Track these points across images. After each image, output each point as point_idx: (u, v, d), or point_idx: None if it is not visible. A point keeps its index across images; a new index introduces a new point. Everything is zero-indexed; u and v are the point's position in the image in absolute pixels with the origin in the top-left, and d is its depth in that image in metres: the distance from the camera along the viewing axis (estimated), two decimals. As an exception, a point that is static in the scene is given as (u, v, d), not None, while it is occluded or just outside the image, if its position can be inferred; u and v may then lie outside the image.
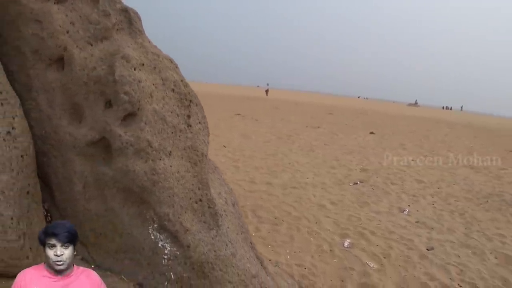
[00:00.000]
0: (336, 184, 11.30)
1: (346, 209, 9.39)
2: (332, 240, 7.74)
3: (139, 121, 3.61)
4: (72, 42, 3.92)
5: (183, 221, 3.66)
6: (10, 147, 3.49)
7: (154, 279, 3.77)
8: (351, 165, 13.64)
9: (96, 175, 3.81)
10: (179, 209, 3.65)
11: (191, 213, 3.74)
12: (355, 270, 6.64)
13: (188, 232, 3.65)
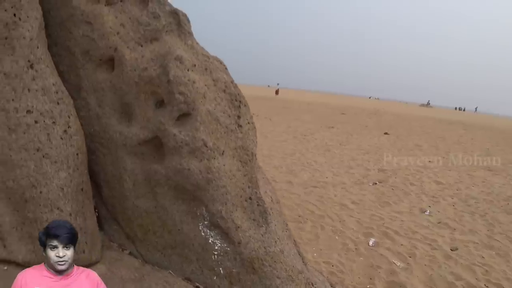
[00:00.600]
0: (356, 184, 11.37)
1: (368, 208, 9.46)
2: (357, 239, 7.82)
3: (194, 121, 3.69)
4: (122, 43, 4.02)
5: (235, 219, 3.74)
6: (67, 145, 3.62)
7: (202, 273, 3.88)
8: (369, 165, 13.68)
9: (147, 173, 3.91)
10: (231, 206, 3.74)
11: (241, 210, 3.82)
12: (382, 268, 6.72)
13: (239, 229, 3.74)
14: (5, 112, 3.51)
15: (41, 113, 3.54)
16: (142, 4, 4.16)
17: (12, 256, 3.46)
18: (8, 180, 3.46)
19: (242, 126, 4.01)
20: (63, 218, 3.42)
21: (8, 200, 3.51)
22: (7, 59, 3.62)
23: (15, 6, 3.65)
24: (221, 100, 3.90)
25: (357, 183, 11.36)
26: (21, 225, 3.49)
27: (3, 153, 3.47)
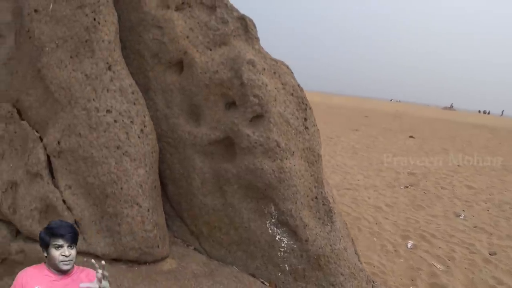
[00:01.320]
0: (387, 186, 11.35)
1: (402, 211, 9.46)
2: (395, 241, 7.84)
3: (268, 123, 3.77)
4: (192, 47, 4.13)
5: (303, 217, 3.82)
6: (143, 144, 3.76)
7: (266, 270, 3.97)
8: (398, 169, 13.63)
9: (216, 172, 4.02)
10: (300, 205, 3.81)
11: (307, 209, 3.90)
12: (423, 270, 6.73)
13: (307, 227, 3.81)
14: (86, 111, 3.67)
15: (119, 112, 3.69)
16: (209, 10, 4.28)
17: (91, 248, 3.61)
18: (89, 176, 3.61)
19: (308, 128, 4.11)
20: (142, 214, 3.56)
21: (87, 195, 3.67)
22: (86, 61, 3.78)
23: (94, 11, 3.82)
24: (289, 103, 4.00)
25: (388, 186, 11.35)
26: (100, 219, 3.64)
27: (84, 150, 3.63)
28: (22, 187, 3.80)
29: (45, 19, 3.80)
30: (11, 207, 3.88)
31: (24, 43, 4.01)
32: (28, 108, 4.04)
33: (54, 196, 3.64)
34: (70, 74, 3.74)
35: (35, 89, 3.95)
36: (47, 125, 3.86)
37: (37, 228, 3.68)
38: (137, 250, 3.58)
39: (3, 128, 4.10)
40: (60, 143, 3.70)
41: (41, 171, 3.71)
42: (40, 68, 3.79)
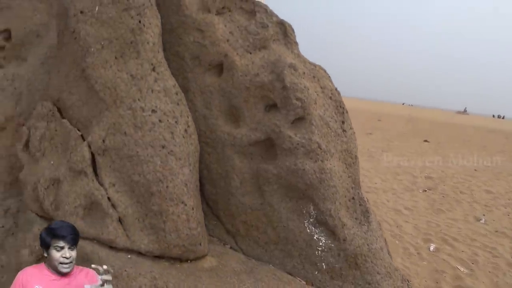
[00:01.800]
0: (406, 190, 11.33)
1: (423, 215, 9.44)
2: (417, 244, 7.83)
3: (310, 125, 3.83)
4: (232, 50, 4.20)
5: (341, 217, 3.86)
6: (187, 144, 3.82)
7: (303, 268, 4.01)
8: (415, 172, 13.60)
9: (255, 172, 4.06)
10: (338, 205, 3.85)
11: (345, 210, 3.94)
12: (447, 273, 6.72)
13: (345, 227, 3.85)
14: (131, 110, 3.74)
15: (164, 112, 3.75)
16: (249, 15, 4.36)
17: (135, 245, 3.65)
18: (134, 174, 3.67)
19: (346, 130, 4.17)
20: (187, 212, 3.61)
21: (131, 193, 3.72)
22: (132, 62, 3.85)
23: (140, 13, 3.89)
24: (328, 106, 4.07)
25: (407, 190, 11.33)
26: (144, 217, 3.69)
27: (129, 148, 3.69)
28: (65, 184, 3.87)
29: (91, 20, 3.88)
30: (53, 204, 3.94)
31: (68, 43, 4.09)
32: (70, 106, 4.11)
33: (99, 193, 3.70)
34: (115, 74, 3.82)
35: (78, 88, 4.02)
36: (91, 123, 3.93)
37: (81, 224, 3.74)
38: (181, 247, 3.63)
39: (44, 126, 4.18)
40: (105, 141, 3.77)
41: (85, 168, 3.77)
42: (85, 68, 3.86)
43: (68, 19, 3.98)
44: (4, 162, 4.55)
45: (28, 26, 4.93)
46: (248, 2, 4.41)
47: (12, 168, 4.60)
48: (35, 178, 4.06)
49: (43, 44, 4.93)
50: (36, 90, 4.71)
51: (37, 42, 4.97)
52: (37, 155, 4.12)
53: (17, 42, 4.92)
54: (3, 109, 4.52)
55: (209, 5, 4.30)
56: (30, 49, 4.99)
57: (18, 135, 4.60)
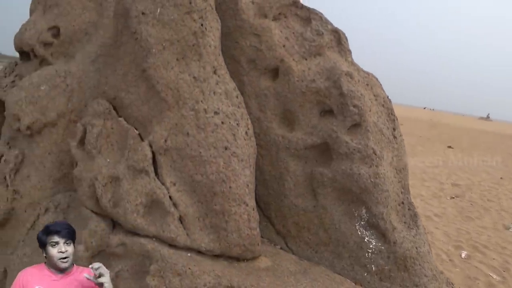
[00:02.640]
0: (434, 197, 11.56)
1: (452, 222, 9.66)
2: (448, 251, 8.08)
3: (365, 131, 4.06)
4: (288, 55, 4.41)
5: (392, 220, 4.08)
6: (248, 146, 4.05)
7: (353, 270, 4.23)
8: (441, 179, 13.79)
9: (308, 175, 4.28)
10: (390, 209, 4.07)
11: (395, 214, 4.17)
12: (480, 280, 6.95)
13: (395, 230, 4.06)
14: (194, 112, 4.00)
15: (226, 115, 4.01)
16: (304, 21, 4.59)
17: (195, 244, 3.86)
18: (196, 174, 3.92)
19: (396, 137, 4.44)
20: (248, 212, 3.84)
21: (192, 193, 3.95)
22: (193, 64, 4.11)
23: (202, 17, 4.15)
24: (381, 113, 4.33)
25: (435, 196, 11.56)
26: (204, 216, 3.90)
27: (192, 149, 3.95)
28: (125, 182, 4.10)
29: (153, 22, 4.14)
30: (111, 201, 4.19)
31: (127, 43, 4.35)
32: (128, 105, 4.37)
33: (161, 192, 3.91)
34: (177, 75, 4.07)
35: (138, 87, 4.28)
36: (150, 123, 4.19)
37: (142, 222, 3.96)
38: (241, 247, 3.85)
39: (101, 124, 4.44)
40: (167, 141, 4.02)
41: (147, 167, 4.01)
42: (146, 68, 4.12)
43: (129, 20, 4.24)
44: (54, 158, 4.82)
45: (77, 24, 5.18)
46: (303, 9, 4.66)
47: (62, 164, 4.86)
48: (91, 175, 4.32)
49: (92, 42, 5.19)
50: (87, 88, 4.98)
51: (85, 40, 5.23)
52: (93, 152, 4.39)
53: (66, 40, 5.17)
54: (56, 106, 4.78)
55: (266, 11, 4.56)
56: (78, 46, 5.24)
57: (69, 132, 4.88)
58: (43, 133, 4.80)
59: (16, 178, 4.80)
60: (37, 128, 4.76)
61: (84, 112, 4.78)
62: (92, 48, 5.15)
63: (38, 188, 4.75)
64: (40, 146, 4.80)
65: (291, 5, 4.65)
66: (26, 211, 4.71)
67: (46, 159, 4.78)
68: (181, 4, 4.09)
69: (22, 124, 4.71)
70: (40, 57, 5.22)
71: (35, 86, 4.81)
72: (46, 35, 5.13)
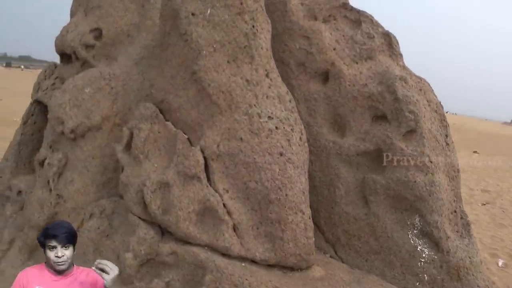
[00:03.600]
0: (465, 203, 11.32)
1: (486, 229, 9.47)
2: (484, 259, 7.88)
3: (421, 138, 4.00)
4: (339, 59, 4.35)
5: (446, 229, 4.01)
6: (302, 152, 3.94)
7: (404, 279, 4.12)
8: (470, 185, 13.57)
9: (360, 182, 4.22)
10: (443, 218, 4.01)
11: (448, 222, 4.09)
12: (519, 290, 6.84)
13: (449, 239, 3.99)
14: (248, 116, 3.94)
15: (280, 119, 3.93)
16: (353, 24, 4.55)
17: (249, 253, 3.79)
18: (251, 181, 3.83)
19: (449, 144, 4.35)
20: (305, 221, 3.76)
21: (246, 200, 3.87)
22: (245, 66, 4.04)
23: (253, 18, 4.08)
24: (434, 119, 4.24)
25: (466, 203, 11.32)
26: (258, 225, 3.83)
27: (246, 155, 3.88)
28: (175, 188, 4.03)
29: (203, 23, 4.08)
30: (160, 208, 4.14)
31: (175, 45, 4.28)
32: (176, 109, 4.31)
33: (214, 199, 3.85)
34: (229, 78, 4.01)
35: (187, 90, 4.22)
36: (201, 127, 4.13)
37: (194, 230, 3.89)
38: (297, 256, 3.77)
39: (148, 128, 4.40)
40: (219, 146, 3.98)
41: (199, 173, 3.94)
42: (196, 70, 4.05)
43: (178, 21, 4.18)
44: (98, 162, 4.78)
45: (119, 26, 5.16)
46: (353, 11, 4.59)
47: (105, 169, 4.83)
48: (139, 181, 4.27)
49: (135, 44, 5.17)
50: (131, 91, 4.95)
51: (127, 42, 5.21)
52: (140, 157, 4.34)
53: (108, 42, 5.16)
54: (101, 109, 4.76)
55: (316, 13, 4.49)
56: (121, 48, 5.22)
57: (114, 136, 4.86)
58: (87, 137, 4.77)
59: (59, 182, 4.78)
60: (81, 132, 4.73)
61: (129, 116, 4.75)
62: (134, 50, 5.13)
63: (81, 192, 4.72)
64: (84, 150, 4.77)
65: (341, 7, 4.60)
66: (70, 216, 4.68)
67: (90, 163, 4.75)
68: (231, 4, 4.04)
69: (66, 127, 4.69)
70: (81, 59, 5.20)
71: (79, 88, 4.79)
72: (88, 37, 5.12)
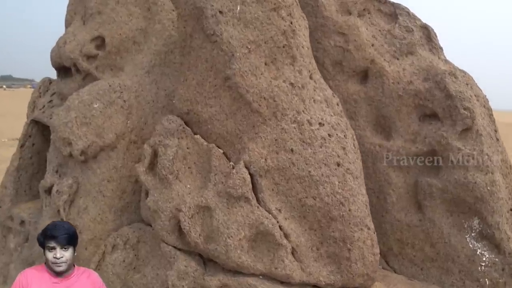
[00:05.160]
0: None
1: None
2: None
3: (478, 135, 3.58)
4: (378, 55, 3.82)
5: (506, 230, 3.61)
6: (358, 159, 3.34)
7: (464, 285, 3.66)
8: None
9: (411, 186, 3.74)
10: (503, 218, 3.62)
11: (505, 222, 3.69)
12: None
13: (510, 240, 3.59)
14: (297, 124, 3.32)
15: (331, 125, 3.34)
16: (388, 18, 4.04)
17: (312, 278, 3.19)
18: (307, 198, 3.20)
19: (498, 139, 3.92)
20: (371, 237, 3.19)
21: (302, 219, 3.25)
22: (286, 68, 3.43)
23: (290, 14, 3.48)
24: (484, 115, 3.78)
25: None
26: (318, 245, 3.23)
27: (299, 168, 3.26)
28: (219, 212, 3.33)
29: (233, 21, 3.44)
30: (201, 235, 3.42)
31: (201, 48, 3.60)
32: (206, 120, 3.62)
33: (269, 222, 3.19)
34: (270, 82, 3.39)
35: (219, 98, 3.55)
36: (240, 139, 3.49)
37: (247, 259, 3.23)
38: (364, 276, 3.19)
39: (176, 144, 3.74)
40: (267, 161, 3.40)
41: (247, 193, 3.27)
42: (231, 75, 3.39)
43: (204, 20, 3.51)
44: (115, 186, 4.02)
45: (123, 33, 4.36)
46: (387, 4, 4.06)
47: (123, 192, 4.08)
48: (171, 206, 3.54)
49: (144, 51, 4.40)
50: (145, 103, 4.22)
51: (134, 49, 4.44)
52: (169, 178, 3.63)
53: (112, 50, 4.35)
54: (114, 125, 3.98)
55: (349, 7, 3.93)
56: (127, 57, 4.42)
57: (130, 155, 4.12)
58: (100, 158, 4.01)
59: (71, 211, 4.00)
60: (93, 153, 3.96)
61: (145, 131, 4.06)
62: (144, 58, 4.41)
63: (98, 221, 3.96)
64: (97, 172, 4.00)
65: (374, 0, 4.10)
66: (87, 249, 3.91)
67: (105, 187, 3.99)
68: (265, 0, 3.46)
69: (75, 149, 3.91)
70: (83, 72, 4.39)
71: (87, 104, 4.03)
72: (90, 47, 4.35)
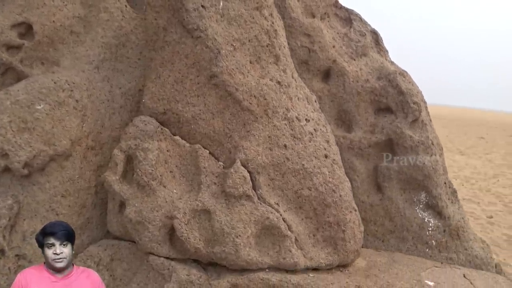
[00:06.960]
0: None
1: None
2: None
3: (424, 125, 3.96)
4: (339, 56, 3.98)
5: (445, 199, 4.14)
6: (337, 151, 3.54)
7: (416, 249, 4.15)
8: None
9: (371, 171, 4.03)
10: (442, 190, 4.14)
11: (444, 193, 4.33)
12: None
13: (448, 207, 4.13)
14: (287, 121, 3.24)
15: (315, 121, 3.34)
16: (343, 22, 4.24)
17: (314, 263, 3.19)
18: (303, 189, 3.17)
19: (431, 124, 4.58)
20: (357, 217, 3.39)
21: (298, 209, 3.21)
22: (271, 67, 3.34)
23: (271, 14, 3.39)
24: (423, 107, 4.42)
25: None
26: (315, 231, 3.25)
27: (293, 162, 3.19)
28: (219, 213, 3.10)
29: (216, 17, 3.20)
30: (201, 240, 3.14)
31: (179, 43, 3.20)
32: (190, 120, 3.28)
33: (274, 216, 3.07)
34: (258, 81, 3.25)
35: (203, 97, 3.25)
36: (230, 138, 3.25)
37: (256, 255, 3.09)
38: (355, 252, 3.35)
39: (156, 147, 3.29)
40: (262, 157, 3.25)
41: (248, 191, 3.08)
42: (217, 73, 3.14)
43: (185, 14, 3.17)
44: (72, 201, 3.36)
45: (57, 20, 3.63)
46: (342, 9, 4.23)
47: (83, 207, 3.45)
48: (159, 214, 3.15)
49: (87, 43, 3.75)
50: (100, 102, 3.59)
51: (72, 40, 3.76)
52: (153, 184, 3.19)
53: (44, 41, 3.60)
54: (68, 130, 3.29)
55: (313, 10, 3.98)
56: (63, 49, 3.71)
57: (89, 163, 3.50)
58: (50, 170, 3.29)
59: (13, 238, 3.24)
60: (40, 164, 3.25)
61: (104, 135, 3.55)
62: (90, 51, 3.75)
63: (56, 242, 3.31)
64: (46, 187, 3.28)
65: (333, 5, 4.23)
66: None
67: (59, 203, 3.29)
68: (247, -3, 3.28)
69: (15, 161, 3.13)
70: (3, 66, 3.56)
71: (25, 105, 3.26)
72: (11, 35, 3.53)
